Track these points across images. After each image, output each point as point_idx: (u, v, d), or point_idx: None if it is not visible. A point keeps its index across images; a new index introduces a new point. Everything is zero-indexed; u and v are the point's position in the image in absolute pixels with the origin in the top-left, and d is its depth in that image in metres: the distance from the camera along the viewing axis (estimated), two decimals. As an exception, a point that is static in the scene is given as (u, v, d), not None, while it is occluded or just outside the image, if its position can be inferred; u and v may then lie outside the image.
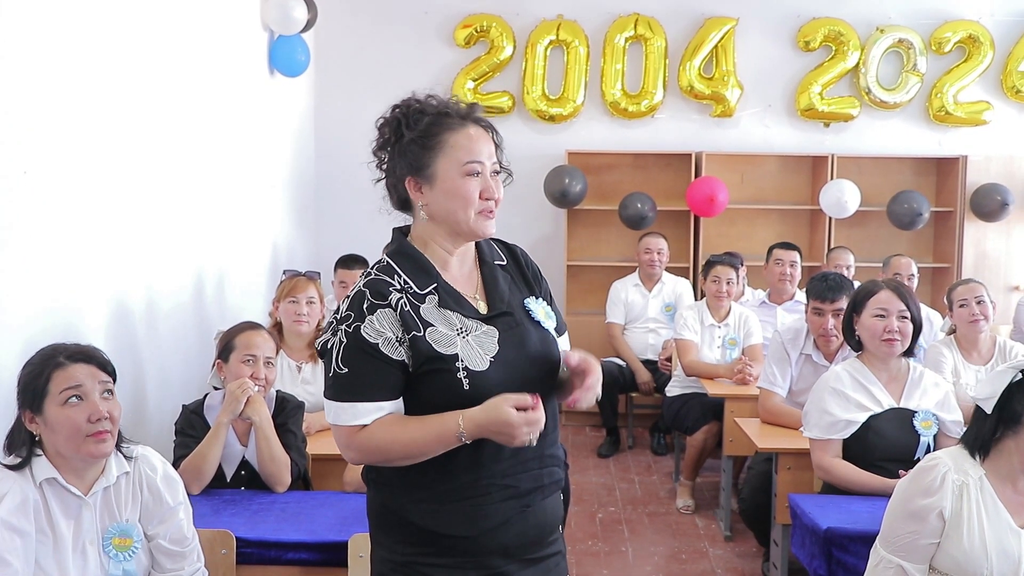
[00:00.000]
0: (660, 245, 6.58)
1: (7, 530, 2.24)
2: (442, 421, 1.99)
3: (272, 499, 3.22)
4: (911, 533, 2.55)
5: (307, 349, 4.20)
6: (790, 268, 5.87)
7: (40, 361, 2.37)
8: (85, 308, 3.58)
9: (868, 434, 3.47)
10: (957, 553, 2.51)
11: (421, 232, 2.16)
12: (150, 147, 4.19)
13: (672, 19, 7.40)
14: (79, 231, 3.52)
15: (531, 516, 2.13)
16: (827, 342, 4.42)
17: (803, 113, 7.49)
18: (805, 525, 3.30)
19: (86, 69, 3.58)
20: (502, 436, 1.96)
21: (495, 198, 2.10)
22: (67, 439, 2.33)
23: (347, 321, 2.03)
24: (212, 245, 5.04)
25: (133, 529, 2.44)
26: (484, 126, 2.14)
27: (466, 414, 1.97)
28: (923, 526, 2.53)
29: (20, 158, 3.11)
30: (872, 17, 7.39)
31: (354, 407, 2.02)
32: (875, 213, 7.35)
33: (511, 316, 2.12)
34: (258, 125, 5.95)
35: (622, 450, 6.60)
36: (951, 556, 2.52)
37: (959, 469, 2.56)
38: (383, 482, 2.12)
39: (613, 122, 7.54)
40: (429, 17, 7.42)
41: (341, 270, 5.37)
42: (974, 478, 2.55)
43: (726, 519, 5.06)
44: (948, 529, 2.52)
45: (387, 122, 2.16)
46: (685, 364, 5.51)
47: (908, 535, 2.56)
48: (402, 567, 2.09)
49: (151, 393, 4.20)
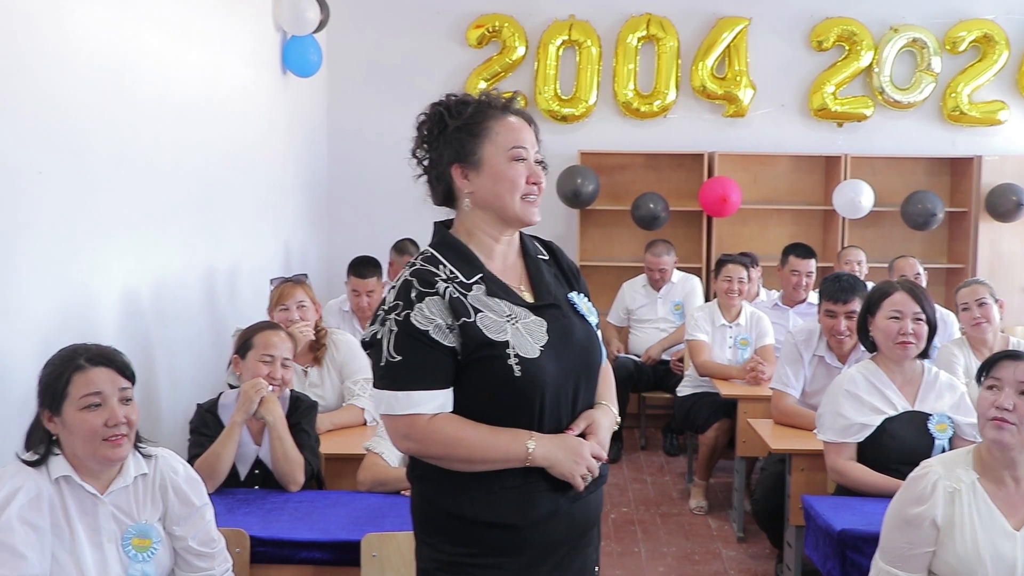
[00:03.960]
0: (664, 263, 6.50)
1: (22, 524, 2.25)
2: (513, 434, 2.04)
3: (286, 498, 3.23)
4: (907, 543, 2.55)
5: (309, 352, 4.20)
6: (806, 278, 5.86)
7: (61, 362, 2.38)
8: (99, 307, 3.60)
9: (883, 437, 3.46)
10: (952, 559, 2.50)
11: (465, 222, 2.17)
12: (164, 147, 4.21)
13: (684, 19, 7.39)
14: (93, 230, 3.54)
15: (577, 510, 2.15)
16: (840, 343, 4.40)
17: (816, 113, 7.47)
18: (819, 526, 3.29)
19: (101, 70, 3.60)
20: (566, 463, 2.04)
21: (539, 183, 2.13)
22: (84, 442, 2.34)
23: (396, 310, 2.04)
24: (225, 245, 5.06)
25: (152, 530, 2.45)
26: (524, 117, 2.18)
27: (537, 434, 2.04)
28: (917, 535, 2.53)
29: (36, 158, 3.13)
30: (886, 16, 7.36)
31: (409, 396, 2.02)
32: (889, 213, 7.32)
33: (558, 308, 2.14)
34: (271, 125, 5.96)
35: (634, 450, 6.59)
36: (947, 562, 2.51)
37: (951, 475, 2.55)
38: (431, 477, 2.11)
39: (625, 122, 7.53)
40: (441, 17, 7.42)
41: (354, 278, 5.32)
42: (967, 483, 2.54)
43: (739, 520, 5.05)
44: (942, 536, 2.51)
45: (428, 117, 2.17)
46: (697, 364, 5.50)
47: (904, 545, 2.55)
48: (448, 566, 2.10)
49: (164, 392, 4.22)
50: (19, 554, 2.22)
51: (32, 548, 2.25)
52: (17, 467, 2.34)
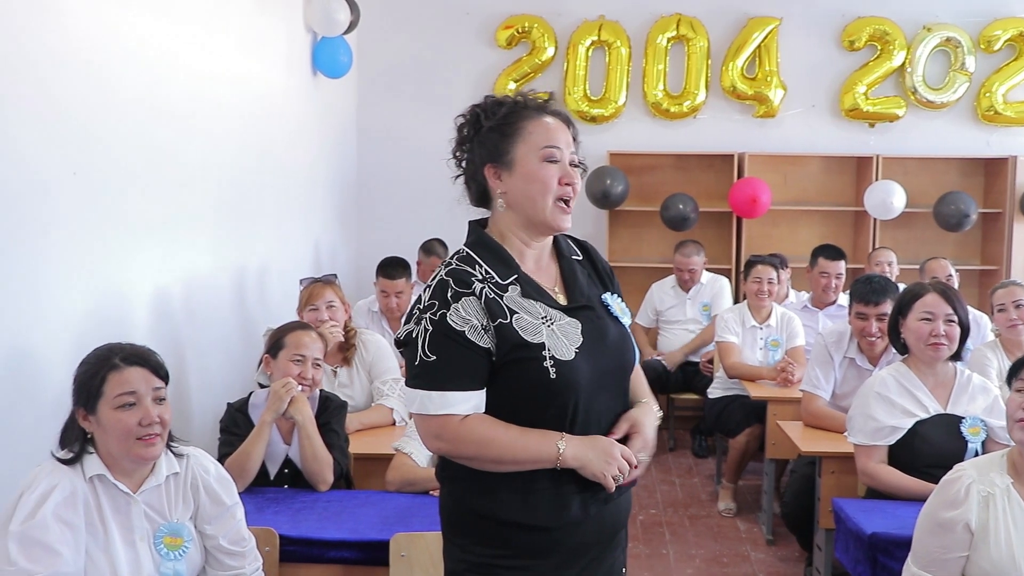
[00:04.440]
0: (693, 264, 6.48)
1: (57, 522, 2.27)
2: (544, 435, 2.03)
3: (315, 497, 3.24)
4: (940, 547, 2.52)
5: (339, 353, 4.22)
6: (836, 280, 5.82)
7: (96, 361, 2.40)
8: (130, 307, 3.63)
9: (914, 440, 3.43)
10: (986, 564, 2.47)
11: (499, 223, 2.17)
12: (195, 148, 4.24)
13: (715, 19, 7.36)
14: (126, 231, 3.57)
15: (607, 511, 2.15)
16: (871, 346, 4.37)
17: (847, 113, 7.41)
18: (849, 530, 3.26)
19: (133, 72, 3.63)
20: (597, 464, 2.03)
21: (573, 183, 2.12)
22: (118, 441, 2.36)
23: (431, 309, 2.04)
24: (255, 245, 5.09)
25: (183, 529, 2.47)
26: (562, 118, 2.17)
27: (568, 434, 2.04)
28: (950, 539, 2.50)
29: (70, 160, 3.17)
30: (919, 15, 7.29)
31: (443, 396, 2.01)
32: (921, 214, 7.26)
33: (592, 310, 2.14)
34: (301, 126, 5.99)
35: (663, 452, 6.57)
36: (980, 567, 2.49)
37: (984, 479, 2.52)
38: (463, 477, 2.11)
39: (655, 123, 7.51)
40: (471, 18, 7.44)
41: (383, 279, 5.35)
42: (1000, 488, 2.52)
43: (768, 522, 5.02)
44: (976, 540, 2.49)
45: (466, 119, 2.17)
46: (727, 366, 5.47)
47: (937, 549, 2.53)
48: (477, 567, 2.10)
49: (194, 391, 4.25)
50: (54, 552, 2.25)
51: (67, 546, 2.27)
52: (52, 465, 2.36)
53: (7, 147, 2.82)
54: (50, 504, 2.28)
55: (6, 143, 2.82)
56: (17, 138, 2.87)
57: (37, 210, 2.98)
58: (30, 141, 2.94)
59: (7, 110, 2.83)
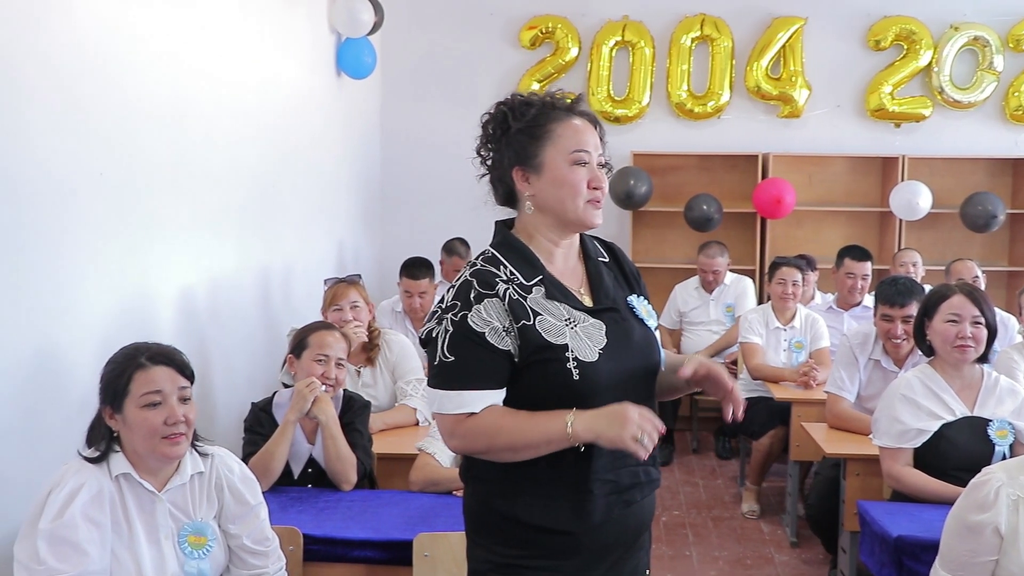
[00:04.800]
0: (717, 264, 6.44)
1: (85, 520, 2.29)
2: (552, 414, 1.98)
3: (338, 497, 3.25)
4: (968, 551, 2.50)
5: (363, 353, 4.23)
6: (862, 281, 5.78)
7: (123, 360, 2.42)
8: (156, 306, 3.65)
9: (941, 443, 3.40)
10: (1015, 568, 2.44)
11: (526, 224, 2.16)
12: (220, 148, 4.26)
13: (739, 19, 7.33)
14: (151, 231, 3.59)
15: (631, 514, 2.14)
16: (896, 348, 4.34)
17: (873, 113, 7.36)
18: (875, 532, 3.24)
19: (159, 74, 3.65)
20: (612, 431, 1.91)
21: (601, 187, 2.11)
22: (143, 439, 2.37)
23: (453, 310, 2.03)
24: (279, 245, 5.12)
25: (207, 528, 2.48)
26: (589, 119, 2.15)
27: (577, 410, 1.96)
28: (979, 543, 2.47)
29: (97, 161, 3.19)
30: (946, 14, 7.23)
31: (460, 395, 2.01)
32: (948, 215, 7.20)
33: (617, 312, 2.12)
34: (325, 127, 6.01)
35: (686, 453, 6.55)
36: (1010, 572, 2.46)
37: (1014, 482, 2.49)
38: (487, 478, 2.11)
39: (679, 123, 7.49)
40: (494, 19, 7.44)
41: (406, 279, 5.36)
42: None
43: (792, 525, 5.00)
44: (1005, 545, 2.46)
45: (492, 117, 2.16)
46: (751, 368, 5.45)
47: (965, 553, 2.50)
48: (500, 568, 2.10)
49: (218, 391, 4.27)
50: (82, 550, 2.26)
51: (94, 544, 2.29)
52: (79, 464, 2.38)
53: (35, 149, 2.85)
54: (78, 503, 2.29)
55: (34, 145, 2.84)
56: (44, 140, 2.89)
57: (64, 210, 3.00)
58: (57, 143, 2.96)
59: (35, 112, 2.85)
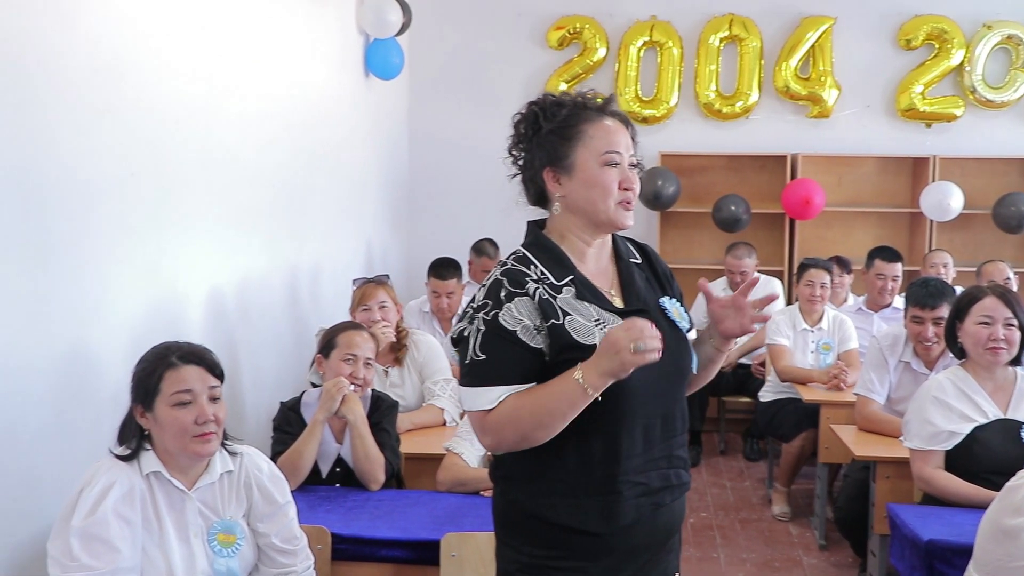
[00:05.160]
0: (744, 265, 6.38)
1: (116, 518, 2.31)
2: (561, 378, 1.96)
3: (366, 496, 3.26)
4: (1004, 555, 2.46)
5: (390, 353, 4.24)
6: (892, 282, 5.74)
7: (154, 359, 2.44)
8: (185, 306, 3.68)
9: (973, 446, 3.37)
10: None
11: (558, 225, 2.15)
12: (249, 149, 4.29)
13: (768, 19, 7.29)
14: (181, 231, 3.61)
15: (661, 516, 2.13)
16: (927, 350, 4.30)
17: (903, 113, 7.30)
18: (905, 536, 3.21)
19: (188, 75, 3.68)
20: (614, 363, 1.87)
21: (632, 188, 2.10)
22: (174, 438, 2.39)
23: (484, 309, 2.04)
24: (308, 245, 5.14)
25: (236, 526, 2.50)
26: (621, 119, 2.14)
27: (582, 363, 1.93)
28: (1015, 547, 2.44)
29: (129, 160, 3.21)
30: (978, 13, 7.16)
31: (489, 391, 2.01)
32: (979, 216, 7.14)
33: (647, 313, 2.09)
34: (353, 127, 6.03)
35: (713, 455, 6.52)
36: None
37: None
38: (515, 478, 2.11)
39: (707, 123, 7.46)
40: (522, 19, 7.44)
41: (434, 279, 5.37)
42: None
43: (821, 527, 4.97)
44: None
45: (524, 117, 2.15)
46: (779, 370, 5.42)
47: (1002, 557, 2.47)
48: (528, 568, 2.10)
49: (247, 390, 4.29)
50: (114, 548, 2.28)
51: (125, 541, 2.31)
52: (111, 462, 2.40)
53: (67, 149, 2.87)
54: (110, 500, 2.31)
55: (64, 148, 2.87)
56: (75, 142, 2.92)
57: (95, 211, 3.02)
58: (89, 145, 2.99)
59: (66, 116, 2.88)
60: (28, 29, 2.68)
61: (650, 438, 2.09)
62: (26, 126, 2.68)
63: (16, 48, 2.63)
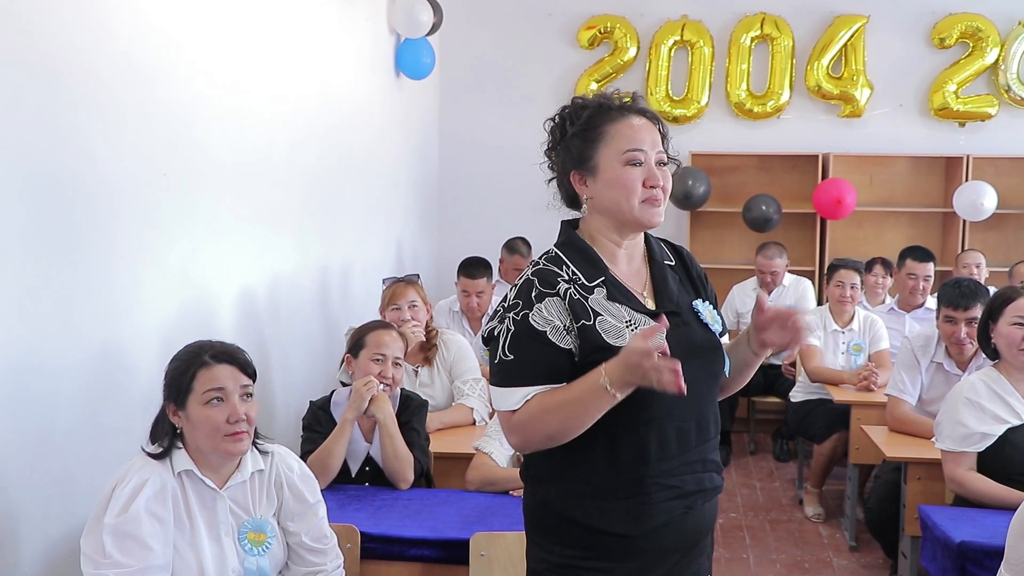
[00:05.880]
0: (775, 265, 6.36)
1: (149, 516, 2.33)
2: (586, 378, 1.95)
3: (395, 495, 3.28)
4: None
5: (420, 353, 4.25)
6: (924, 282, 5.70)
7: (187, 358, 2.46)
8: (217, 305, 3.70)
9: (1006, 447, 3.34)
10: None
11: (588, 226, 2.16)
12: (280, 149, 4.31)
13: (800, 18, 7.25)
14: (212, 231, 3.64)
15: (691, 519, 2.13)
16: (960, 350, 4.26)
17: (936, 113, 7.24)
18: (936, 538, 3.19)
19: (219, 73, 3.71)
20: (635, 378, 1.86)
21: (660, 186, 2.08)
22: (206, 436, 2.41)
23: (515, 309, 2.04)
24: (338, 245, 5.16)
25: (267, 525, 2.51)
26: (648, 116, 2.13)
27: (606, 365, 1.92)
28: None
29: (160, 161, 3.24)
30: (1014, 11, 7.08)
31: (516, 392, 2.01)
32: (1014, 216, 7.07)
33: (679, 316, 2.10)
34: (384, 127, 6.06)
35: (743, 455, 6.50)
36: None
37: None
38: (545, 478, 2.11)
39: (738, 123, 7.43)
40: (553, 19, 7.44)
41: (464, 279, 5.39)
42: None
43: (851, 528, 4.94)
44: None
45: (554, 123, 2.17)
46: (809, 370, 5.39)
47: None
48: (558, 568, 2.09)
49: (277, 389, 4.32)
50: (146, 545, 2.30)
51: (157, 539, 2.33)
52: (143, 460, 2.42)
53: (99, 150, 2.90)
54: (142, 499, 2.33)
55: (99, 147, 2.90)
56: (106, 142, 2.95)
57: (126, 211, 3.05)
58: (121, 144, 3.02)
59: (100, 114, 2.91)
60: (61, 33, 2.71)
61: (685, 441, 2.08)
62: (58, 128, 2.71)
63: (49, 51, 2.66)
